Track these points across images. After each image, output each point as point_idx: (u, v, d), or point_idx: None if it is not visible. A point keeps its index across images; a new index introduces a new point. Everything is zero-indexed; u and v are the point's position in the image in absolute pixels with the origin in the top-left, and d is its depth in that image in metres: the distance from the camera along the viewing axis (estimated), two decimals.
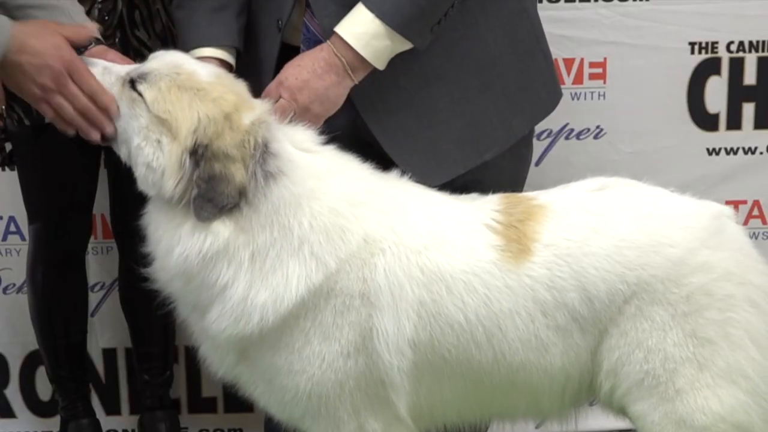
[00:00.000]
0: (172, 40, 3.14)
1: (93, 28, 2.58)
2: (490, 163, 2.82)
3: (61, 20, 2.56)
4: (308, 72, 2.59)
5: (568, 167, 3.74)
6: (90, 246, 3.67)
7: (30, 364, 3.99)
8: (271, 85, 2.61)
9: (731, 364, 2.43)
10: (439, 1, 2.62)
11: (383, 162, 2.62)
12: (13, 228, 3.86)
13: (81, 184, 3.44)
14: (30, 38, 2.40)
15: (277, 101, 2.57)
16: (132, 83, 2.44)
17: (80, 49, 2.54)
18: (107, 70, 2.48)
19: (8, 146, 3.45)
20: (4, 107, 3.31)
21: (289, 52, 2.73)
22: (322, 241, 2.39)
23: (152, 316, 3.48)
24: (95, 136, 2.47)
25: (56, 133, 3.24)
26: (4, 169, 3.74)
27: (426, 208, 2.51)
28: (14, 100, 3.26)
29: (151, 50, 2.75)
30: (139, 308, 3.61)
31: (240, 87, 2.51)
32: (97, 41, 2.67)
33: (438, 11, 2.63)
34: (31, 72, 2.41)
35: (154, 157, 2.39)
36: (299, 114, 2.57)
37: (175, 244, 2.39)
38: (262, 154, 2.38)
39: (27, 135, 3.33)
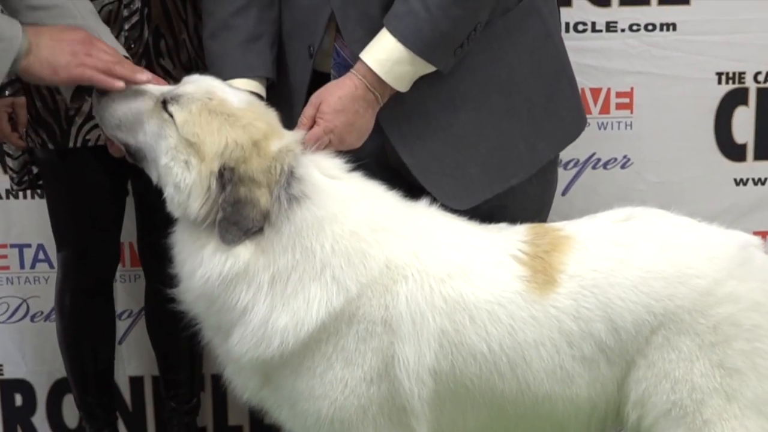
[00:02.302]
0: (197, 70, 3.12)
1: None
2: (517, 188, 2.81)
3: (68, 22, 2.59)
4: (347, 107, 2.60)
5: (594, 197, 3.73)
6: (117, 274, 3.67)
7: (57, 391, 4.00)
8: (307, 113, 2.62)
9: (759, 394, 2.40)
10: (461, 24, 2.62)
11: (412, 191, 2.62)
12: (41, 256, 3.89)
13: (108, 208, 3.43)
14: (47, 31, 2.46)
15: (310, 128, 2.58)
16: (164, 104, 2.45)
17: None
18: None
19: (35, 169, 3.46)
20: (25, 131, 3.32)
21: (316, 79, 2.75)
22: (344, 265, 2.37)
23: (179, 342, 3.52)
24: (143, 76, 2.52)
25: (82, 157, 3.25)
26: (33, 197, 3.75)
27: (451, 237, 2.50)
28: (38, 123, 3.27)
29: (176, 80, 2.77)
30: (165, 334, 3.61)
31: (271, 116, 2.52)
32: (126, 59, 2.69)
33: (460, 35, 2.63)
34: (55, 47, 2.44)
35: (182, 178, 2.40)
36: (335, 144, 2.59)
37: (198, 265, 2.40)
38: (287, 178, 2.38)
39: (53, 160, 3.33)
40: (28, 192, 3.59)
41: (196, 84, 2.50)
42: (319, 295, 2.36)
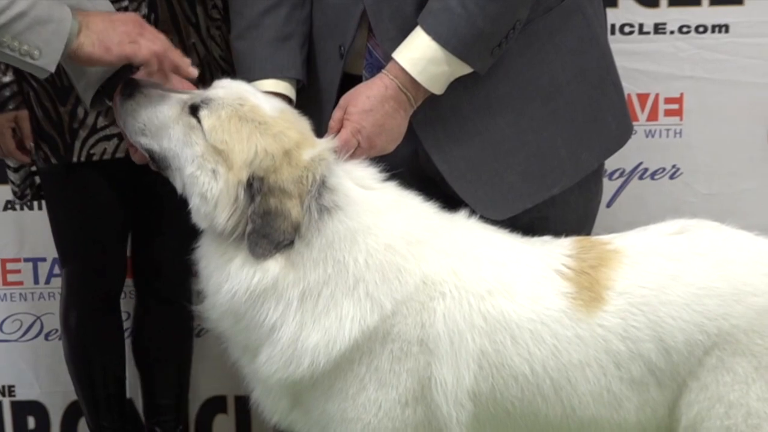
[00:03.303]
0: (207, 76, 3.16)
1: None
2: (558, 198, 2.81)
3: (85, 7, 2.57)
4: (376, 108, 2.60)
5: (641, 209, 3.73)
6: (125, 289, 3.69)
7: (72, 414, 4.04)
8: (335, 117, 2.62)
9: None
10: (500, 22, 2.62)
11: (448, 201, 2.62)
12: (57, 270, 3.89)
13: (114, 222, 3.45)
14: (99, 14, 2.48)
15: (338, 132, 2.58)
16: (192, 108, 2.45)
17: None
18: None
19: (38, 179, 3.49)
20: (32, 144, 3.34)
21: (347, 82, 2.75)
22: (378, 280, 2.37)
23: (168, 366, 3.54)
24: (193, 71, 2.56)
25: (86, 171, 3.25)
26: (41, 208, 3.76)
27: (491, 251, 2.49)
28: (40, 137, 3.29)
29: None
30: (154, 357, 3.64)
31: (303, 124, 2.52)
32: None
33: (498, 33, 2.63)
34: (107, 26, 2.45)
35: (209, 187, 2.39)
36: (364, 148, 2.59)
37: (224, 280, 2.40)
38: (319, 188, 2.38)
39: (56, 174, 3.36)
40: (43, 203, 3.59)
41: (228, 88, 2.50)
42: (352, 312, 2.36)
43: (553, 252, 2.50)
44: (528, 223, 2.71)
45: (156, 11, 3.21)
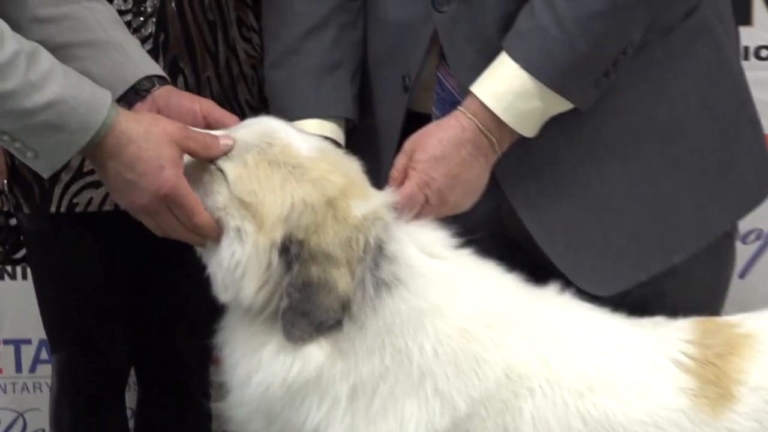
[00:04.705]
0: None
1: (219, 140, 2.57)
2: (680, 269, 2.80)
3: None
4: (450, 154, 2.61)
5: None
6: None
7: None
8: (398, 165, 2.63)
9: None
10: (606, 45, 2.62)
11: (537, 272, 2.62)
12: (44, 356, 3.94)
13: (112, 291, 3.42)
14: (132, 145, 2.46)
15: (401, 184, 2.59)
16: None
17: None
18: None
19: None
20: (5, 181, 3.33)
21: (412, 121, 2.77)
22: (450, 374, 2.37)
23: None
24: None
25: (71, 226, 3.25)
26: (25, 276, 3.79)
27: (592, 336, 2.50)
28: (12, 178, 3.29)
29: None
30: None
31: (350, 165, 2.54)
32: (161, 80, 2.75)
33: (604, 60, 2.63)
34: (122, 186, 2.48)
35: (233, 251, 2.41)
36: (433, 205, 2.59)
37: (255, 370, 2.40)
38: (375, 256, 2.39)
39: (38, 228, 3.35)
40: (28, 270, 3.61)
41: (251, 127, 2.53)
42: (417, 413, 2.35)
43: (669, 337, 2.51)
44: (639, 299, 2.70)
45: (166, 31, 3.22)
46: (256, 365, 2.40)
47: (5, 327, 3.92)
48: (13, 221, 3.46)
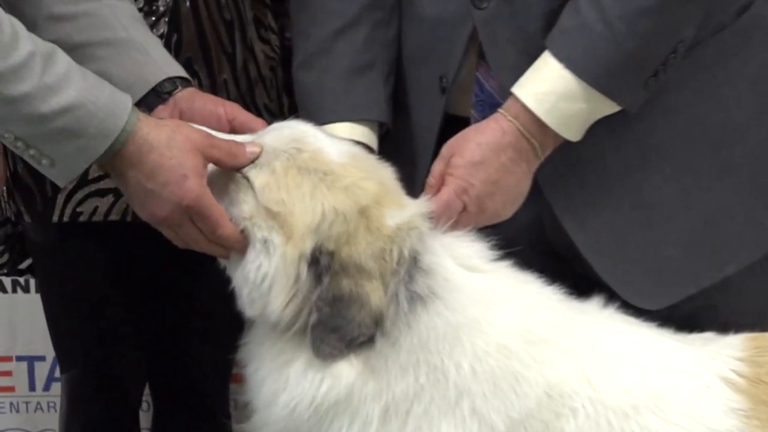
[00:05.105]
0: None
1: (246, 148, 2.56)
2: (732, 281, 2.80)
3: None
4: (489, 159, 2.61)
5: None
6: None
7: None
8: (435, 171, 2.64)
9: None
10: (655, 43, 2.62)
11: (580, 285, 2.63)
12: (58, 373, 3.90)
13: (123, 305, 3.42)
14: (153, 152, 2.46)
15: (438, 191, 2.60)
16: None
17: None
18: None
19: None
20: (4, 189, 3.34)
21: (449, 124, 2.77)
22: (488, 393, 2.37)
23: None
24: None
25: (78, 236, 3.23)
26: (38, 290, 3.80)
27: (637, 353, 2.50)
28: (14, 184, 3.29)
29: None
30: None
31: (384, 172, 2.54)
32: (184, 81, 2.76)
33: (654, 58, 2.63)
34: (143, 196, 2.48)
35: (259, 263, 2.42)
36: (471, 213, 2.60)
37: (282, 388, 2.41)
38: (409, 269, 2.40)
39: (44, 239, 3.36)
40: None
41: (279, 132, 2.54)
42: None
43: (719, 354, 2.51)
44: (688, 313, 2.71)
45: (179, 30, 3.21)
46: (283, 384, 2.41)
47: (18, 343, 3.88)
48: (20, 228, 3.45)
